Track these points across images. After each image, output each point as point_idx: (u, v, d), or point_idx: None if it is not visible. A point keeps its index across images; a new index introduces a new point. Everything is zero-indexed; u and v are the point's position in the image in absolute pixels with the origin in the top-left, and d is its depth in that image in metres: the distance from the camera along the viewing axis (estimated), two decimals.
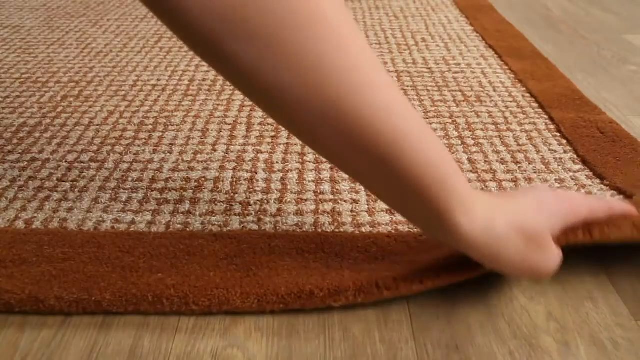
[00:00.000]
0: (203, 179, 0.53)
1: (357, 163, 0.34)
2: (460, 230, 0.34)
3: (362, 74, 0.31)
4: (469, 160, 0.56)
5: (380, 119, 0.31)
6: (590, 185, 0.51)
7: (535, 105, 0.67)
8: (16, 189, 0.51)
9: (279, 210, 0.49)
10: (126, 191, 0.51)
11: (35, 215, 0.48)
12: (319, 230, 0.46)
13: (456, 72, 0.76)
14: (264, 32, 0.29)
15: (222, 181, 0.53)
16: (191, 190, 0.51)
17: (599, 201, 0.40)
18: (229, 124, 0.62)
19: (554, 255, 0.36)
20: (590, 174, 0.53)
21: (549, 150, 0.57)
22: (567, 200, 0.38)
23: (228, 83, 0.72)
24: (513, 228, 0.35)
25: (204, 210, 0.48)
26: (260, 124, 0.62)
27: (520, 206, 0.36)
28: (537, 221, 0.35)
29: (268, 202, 0.50)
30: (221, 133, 0.61)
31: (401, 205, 0.36)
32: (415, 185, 0.33)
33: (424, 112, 0.65)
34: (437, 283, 0.39)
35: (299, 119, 0.32)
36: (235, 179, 0.53)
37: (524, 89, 0.71)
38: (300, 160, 0.56)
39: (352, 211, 0.48)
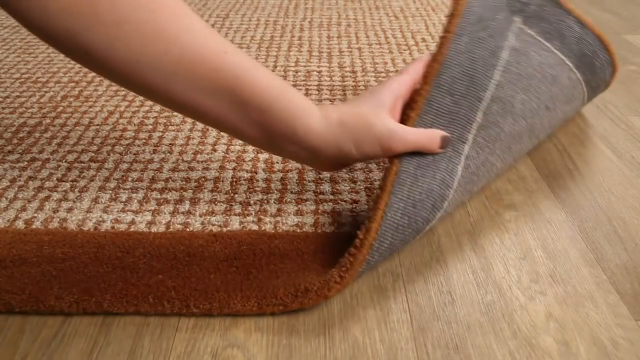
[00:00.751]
0: (203, 179, 0.53)
1: (213, 106, 0.40)
2: (309, 130, 0.41)
3: (196, 34, 0.39)
4: None
5: (220, 61, 0.39)
6: None
7: None
8: (16, 189, 0.51)
9: (279, 210, 0.49)
10: (126, 191, 0.51)
11: (35, 215, 0.48)
12: (319, 231, 0.46)
13: None
14: (114, 19, 0.36)
15: (222, 181, 0.53)
16: (191, 190, 0.51)
17: (406, 70, 0.46)
18: None
19: (400, 135, 0.41)
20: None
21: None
22: (383, 84, 0.45)
23: None
24: (345, 115, 0.42)
25: (204, 210, 0.48)
26: None
27: (350, 104, 0.43)
28: (367, 108, 0.42)
29: (268, 202, 0.50)
30: (221, 133, 0.61)
31: (255, 132, 0.42)
32: (263, 105, 0.40)
33: None
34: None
35: (156, 84, 0.39)
36: (235, 179, 0.53)
37: None
38: None
39: (352, 211, 0.48)
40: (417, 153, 0.42)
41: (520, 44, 0.49)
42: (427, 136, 0.42)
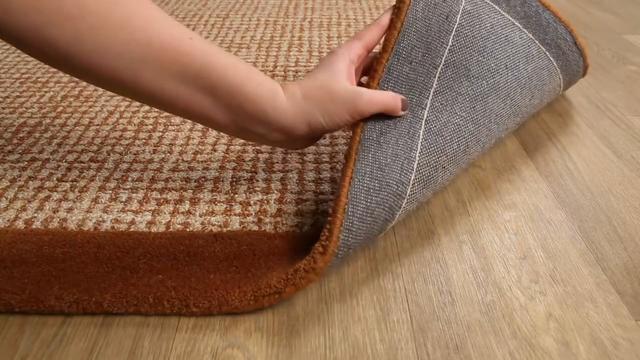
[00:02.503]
0: (203, 179, 0.53)
1: (182, 94, 0.41)
2: (277, 109, 0.42)
3: (161, 23, 0.39)
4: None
5: (186, 46, 0.40)
6: None
7: None
8: (16, 189, 0.51)
9: (279, 210, 0.49)
10: (126, 191, 0.51)
11: (35, 215, 0.48)
12: (319, 231, 0.46)
13: None
14: (78, 12, 0.36)
15: (222, 181, 0.53)
16: (191, 190, 0.51)
17: (357, 36, 0.47)
18: None
19: (365, 97, 0.43)
20: None
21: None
22: (334, 52, 0.46)
23: None
24: (310, 92, 0.43)
25: (204, 211, 0.48)
26: None
27: (309, 77, 0.44)
28: (323, 76, 0.44)
29: (268, 202, 0.50)
30: (221, 133, 0.61)
31: (225, 117, 0.43)
32: (232, 88, 0.41)
33: None
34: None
35: (124, 75, 0.39)
36: (235, 179, 0.53)
37: None
38: (300, 160, 0.56)
39: None
40: (379, 120, 0.44)
41: (472, 7, 0.51)
42: (392, 96, 0.44)
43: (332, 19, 0.96)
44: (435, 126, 0.45)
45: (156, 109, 0.66)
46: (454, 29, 0.49)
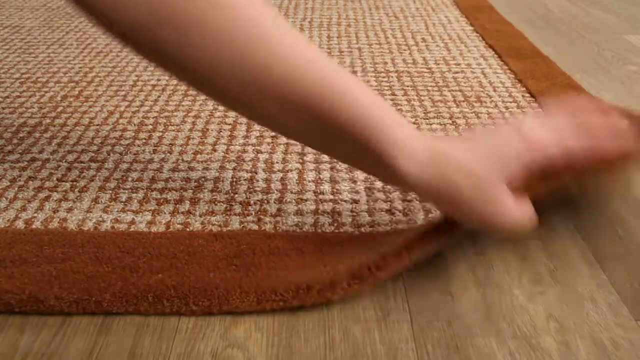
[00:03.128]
0: (203, 179, 0.53)
1: (292, 124, 0.36)
2: (401, 173, 0.34)
3: (279, 41, 0.34)
4: None
5: (304, 80, 0.33)
6: None
7: (535, 105, 0.67)
8: (16, 189, 0.51)
9: (278, 210, 0.49)
10: (126, 191, 0.51)
11: (35, 215, 0.48)
12: (319, 231, 0.46)
13: (456, 72, 0.76)
14: (189, 16, 0.32)
15: (222, 181, 0.53)
16: (191, 190, 0.51)
17: (578, 137, 0.34)
18: (229, 124, 0.62)
19: (509, 209, 0.33)
20: None
21: None
22: (530, 139, 0.34)
23: None
24: (454, 174, 0.33)
25: (204, 210, 0.48)
26: None
27: (467, 152, 0.34)
28: (485, 170, 0.33)
29: (268, 202, 0.50)
30: (221, 133, 0.61)
31: (344, 156, 0.38)
32: (350, 135, 0.34)
33: (424, 113, 0.65)
34: (424, 247, 0.39)
35: (231, 92, 0.35)
36: (235, 179, 0.53)
37: (524, 89, 0.71)
38: (300, 160, 0.56)
39: (352, 211, 0.48)
40: None
41: None
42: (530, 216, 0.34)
43: (332, 19, 0.96)
44: None
45: (156, 109, 0.66)
46: None
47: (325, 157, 0.55)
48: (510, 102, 0.67)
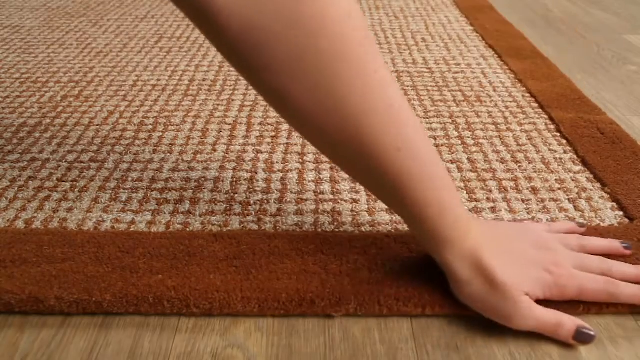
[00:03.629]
0: (203, 179, 0.53)
1: (368, 183, 0.38)
2: (443, 261, 0.38)
3: (377, 120, 0.33)
4: (469, 160, 0.56)
5: (390, 159, 0.34)
6: (591, 190, 0.51)
7: (535, 105, 0.67)
8: (16, 189, 0.51)
9: (279, 210, 0.49)
10: (126, 191, 0.51)
11: (35, 215, 0.48)
12: (319, 230, 0.46)
13: (456, 72, 0.76)
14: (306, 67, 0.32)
15: (222, 181, 0.53)
16: (191, 190, 0.51)
17: (596, 283, 0.38)
18: (229, 124, 0.62)
19: (523, 312, 0.36)
20: (591, 176, 0.53)
21: (549, 150, 0.57)
22: (557, 274, 0.38)
23: (228, 83, 0.72)
24: (486, 283, 0.37)
25: (204, 210, 0.48)
26: (260, 124, 0.62)
27: (503, 267, 0.37)
28: (513, 278, 0.37)
29: (268, 202, 0.50)
30: (221, 133, 0.61)
31: (403, 217, 0.39)
32: (415, 213, 0.37)
33: (424, 112, 0.65)
34: (438, 311, 0.39)
35: (322, 137, 0.35)
36: (235, 179, 0.53)
37: (524, 89, 0.71)
38: (300, 160, 0.56)
39: (352, 211, 0.48)
40: None
41: None
42: (556, 321, 0.37)
43: None
44: None
45: (156, 109, 0.66)
46: None
47: (325, 157, 0.55)
48: (510, 101, 0.67)
